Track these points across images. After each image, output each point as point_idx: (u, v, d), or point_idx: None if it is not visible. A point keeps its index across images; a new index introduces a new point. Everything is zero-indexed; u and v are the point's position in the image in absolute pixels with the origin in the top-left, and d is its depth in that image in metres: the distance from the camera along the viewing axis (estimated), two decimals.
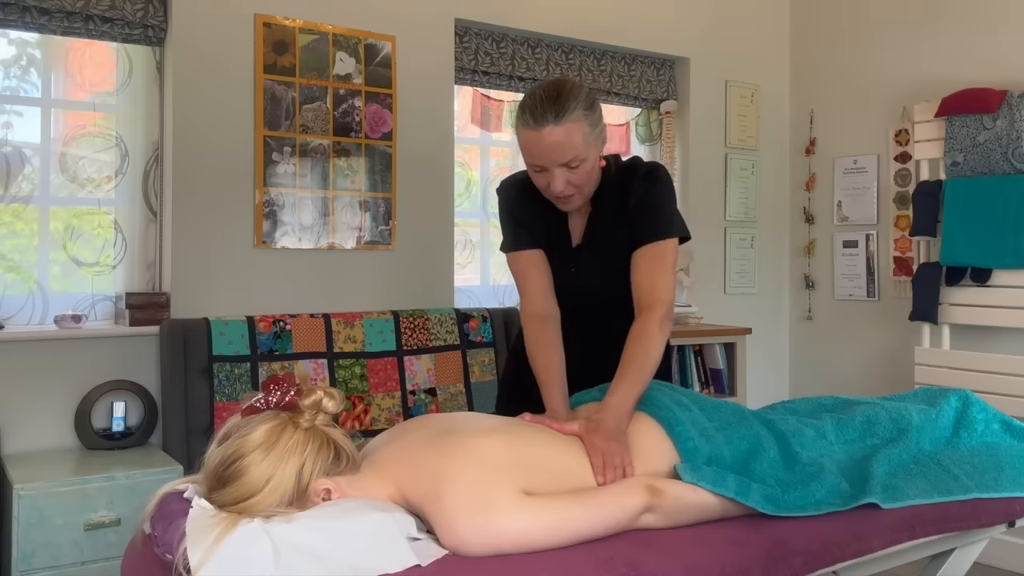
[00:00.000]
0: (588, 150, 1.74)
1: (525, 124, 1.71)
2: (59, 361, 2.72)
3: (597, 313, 1.97)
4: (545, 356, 1.84)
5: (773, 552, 1.41)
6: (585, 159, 1.74)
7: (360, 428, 2.95)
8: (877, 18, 4.08)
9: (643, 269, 1.81)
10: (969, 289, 3.54)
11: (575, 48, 3.84)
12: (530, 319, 1.89)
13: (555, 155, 1.71)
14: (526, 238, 1.94)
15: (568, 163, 1.73)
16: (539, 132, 1.69)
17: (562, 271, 1.95)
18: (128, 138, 2.95)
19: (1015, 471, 1.74)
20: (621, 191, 1.88)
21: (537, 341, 1.86)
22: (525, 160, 1.78)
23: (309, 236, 3.13)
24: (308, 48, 3.12)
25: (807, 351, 4.41)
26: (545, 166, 1.74)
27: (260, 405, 1.39)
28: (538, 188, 1.83)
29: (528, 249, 1.93)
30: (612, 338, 1.84)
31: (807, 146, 4.39)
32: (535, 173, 1.79)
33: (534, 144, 1.72)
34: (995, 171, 3.42)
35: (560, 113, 1.68)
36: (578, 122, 1.70)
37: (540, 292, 1.91)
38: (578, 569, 1.27)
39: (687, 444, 1.58)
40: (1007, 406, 3.11)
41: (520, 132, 1.74)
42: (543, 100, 1.70)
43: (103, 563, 2.38)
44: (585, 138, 1.72)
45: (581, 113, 1.71)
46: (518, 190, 1.98)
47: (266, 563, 1.19)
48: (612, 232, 1.89)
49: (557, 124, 1.68)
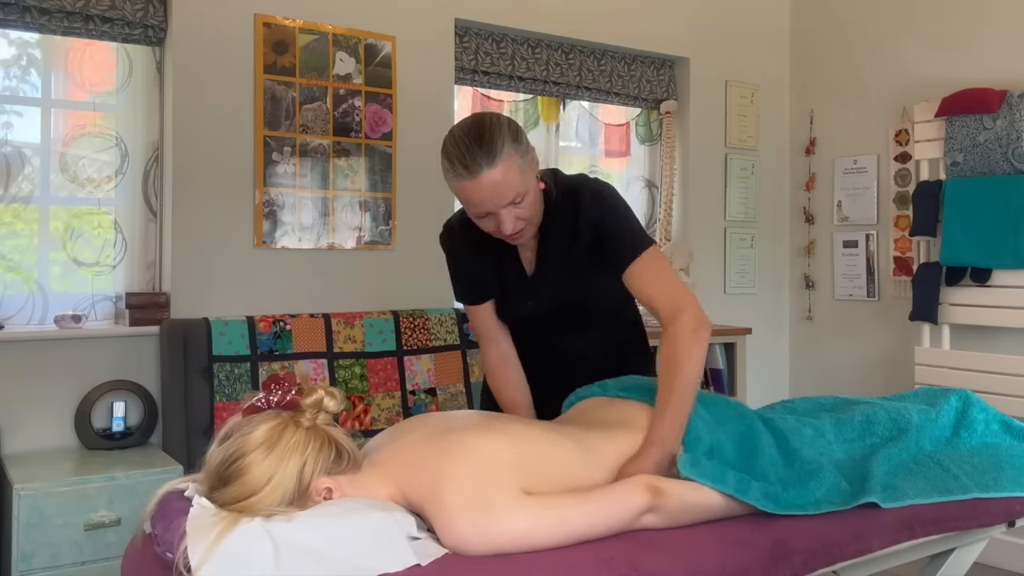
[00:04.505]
0: (527, 182, 1.67)
1: (458, 176, 1.62)
2: (59, 361, 2.72)
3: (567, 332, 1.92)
4: (511, 395, 1.92)
5: (774, 552, 1.41)
6: (526, 191, 1.67)
7: (360, 428, 2.95)
8: (877, 18, 4.08)
9: (644, 285, 1.74)
10: (969, 289, 3.54)
11: (575, 48, 3.84)
12: (491, 363, 1.95)
13: (497, 198, 1.63)
14: (476, 293, 1.91)
15: (512, 201, 1.65)
16: (476, 180, 1.61)
17: (519, 304, 1.88)
18: (128, 138, 2.95)
19: (1015, 471, 1.74)
20: (569, 213, 1.80)
21: (502, 380, 1.94)
22: (468, 210, 1.70)
23: (309, 236, 3.13)
24: (308, 48, 3.12)
25: (807, 351, 4.41)
26: (490, 211, 1.66)
27: (261, 404, 1.39)
28: (487, 231, 1.75)
29: (480, 303, 1.91)
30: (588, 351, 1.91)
31: (807, 146, 4.40)
32: (481, 219, 1.70)
33: (473, 193, 1.63)
34: (995, 171, 3.42)
35: (491, 154, 1.60)
36: (510, 158, 1.62)
37: (498, 339, 1.93)
38: (578, 569, 1.27)
39: (689, 434, 1.59)
40: (1007, 406, 3.11)
41: (454, 184, 1.65)
42: (468, 146, 1.61)
43: (103, 563, 2.38)
44: (521, 170, 1.65)
45: (511, 147, 1.63)
46: (462, 238, 1.90)
47: (266, 562, 1.19)
48: (565, 254, 1.82)
49: (492, 167, 1.60)
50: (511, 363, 1.94)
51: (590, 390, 1.79)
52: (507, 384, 1.93)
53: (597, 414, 1.69)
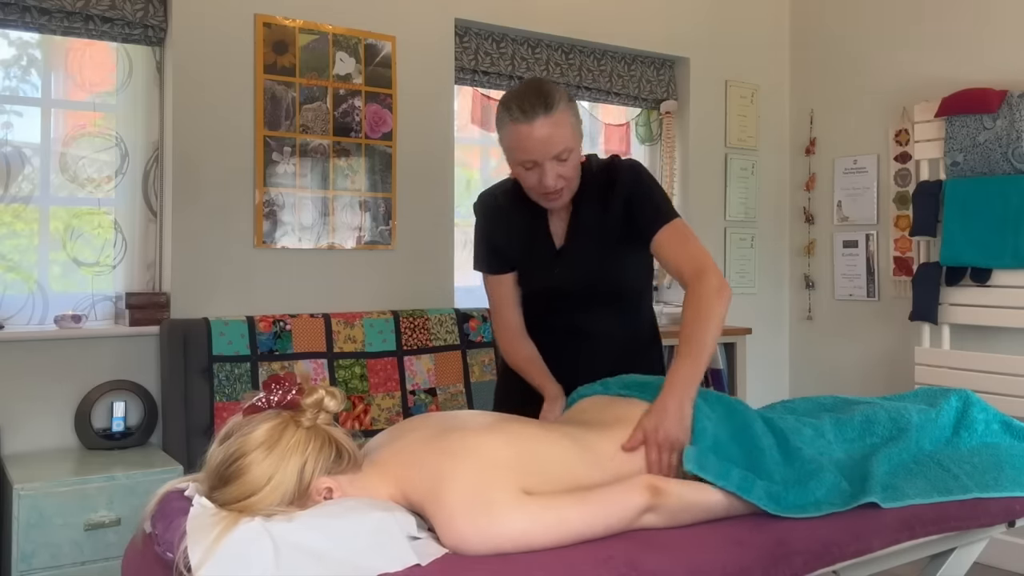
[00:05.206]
0: (575, 141, 1.78)
1: (515, 120, 1.72)
2: (59, 361, 2.72)
3: (586, 310, 1.97)
4: (525, 353, 1.99)
5: (774, 552, 1.41)
6: (573, 150, 1.77)
7: (360, 428, 2.95)
8: (877, 18, 4.08)
9: (671, 249, 1.82)
10: (969, 289, 3.54)
11: (575, 48, 3.84)
12: (503, 332, 2.03)
13: (547, 147, 1.73)
14: (500, 262, 2.00)
15: (559, 155, 1.74)
16: (531, 125, 1.71)
17: (545, 274, 1.95)
18: (128, 138, 2.95)
19: (1015, 471, 1.74)
20: (605, 187, 1.89)
21: (514, 345, 2.01)
22: (515, 158, 1.78)
23: (309, 236, 3.13)
24: (308, 48, 3.12)
25: (807, 351, 4.41)
26: (537, 160, 1.75)
27: (262, 404, 1.39)
28: (527, 187, 1.83)
29: (500, 273, 2.01)
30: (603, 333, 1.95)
31: (807, 146, 4.40)
32: (525, 171, 1.79)
33: (526, 138, 1.73)
34: (995, 171, 3.42)
35: (548, 105, 1.71)
36: (565, 113, 1.74)
37: (512, 310, 2.02)
38: (578, 568, 1.27)
39: (695, 426, 1.59)
40: (1007, 406, 3.11)
41: (508, 129, 1.75)
42: (528, 95, 1.72)
43: (103, 563, 2.38)
44: (572, 128, 1.76)
45: (566, 105, 1.75)
46: (496, 205, 2.00)
47: (266, 562, 1.19)
48: (597, 227, 1.90)
49: (548, 115, 1.71)
50: (521, 333, 2.02)
51: (592, 388, 1.80)
52: (519, 347, 2.00)
53: (597, 413, 1.69)
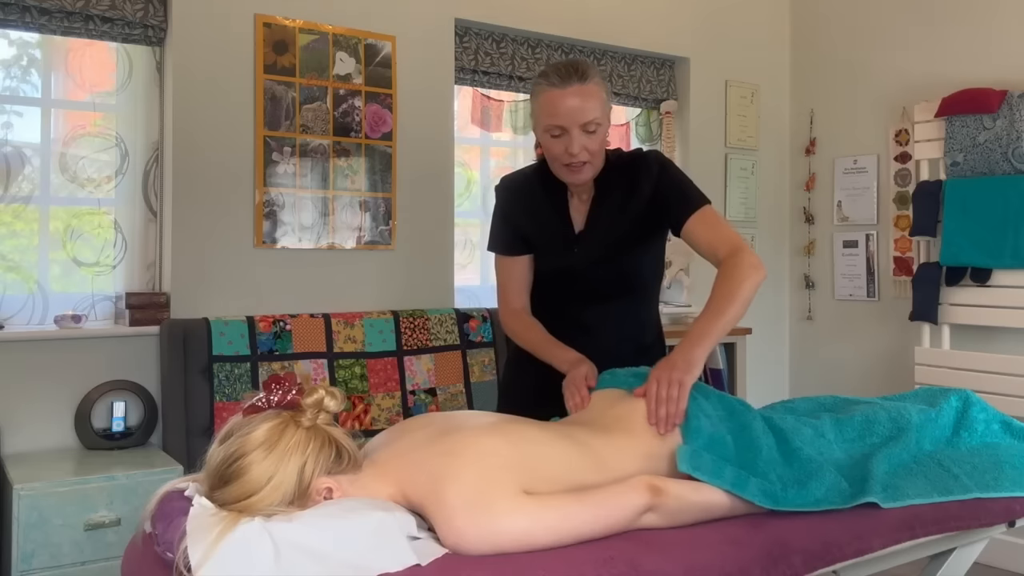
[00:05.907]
0: (605, 116, 1.83)
1: (551, 84, 1.79)
2: (59, 361, 2.72)
3: (594, 302, 1.99)
4: (535, 330, 2.01)
5: (773, 552, 1.41)
6: (601, 124, 1.82)
7: (360, 428, 2.95)
8: (877, 18, 4.08)
9: (704, 233, 1.88)
10: (969, 289, 3.54)
11: (575, 48, 3.84)
12: (510, 312, 2.06)
13: (577, 115, 1.78)
14: (516, 245, 2.03)
15: (587, 125, 1.79)
16: (564, 91, 1.77)
17: (560, 257, 1.98)
18: (128, 138, 2.95)
19: (1015, 471, 1.74)
20: (630, 175, 1.93)
21: (523, 324, 2.04)
22: (544, 124, 1.82)
23: (309, 236, 3.13)
24: (308, 48, 3.12)
25: (807, 351, 4.41)
26: (566, 127, 1.79)
27: (262, 404, 1.39)
28: (551, 157, 1.87)
29: (513, 255, 2.04)
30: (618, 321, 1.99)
31: (807, 146, 4.40)
32: (552, 139, 1.83)
33: (558, 103, 1.78)
34: (995, 171, 3.42)
35: (584, 76, 1.79)
36: (598, 86, 1.81)
37: (520, 294, 2.05)
38: (578, 568, 1.27)
39: (690, 423, 1.59)
40: (1007, 406, 3.11)
41: (542, 94, 1.81)
42: (566, 65, 1.80)
43: (103, 563, 2.38)
44: (603, 103, 1.82)
45: (600, 81, 1.82)
46: (518, 188, 2.04)
47: (266, 562, 1.19)
48: (617, 215, 1.93)
49: (582, 84, 1.78)
50: (527, 313, 2.05)
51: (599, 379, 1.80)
52: (528, 326, 2.03)
53: (598, 413, 1.69)
